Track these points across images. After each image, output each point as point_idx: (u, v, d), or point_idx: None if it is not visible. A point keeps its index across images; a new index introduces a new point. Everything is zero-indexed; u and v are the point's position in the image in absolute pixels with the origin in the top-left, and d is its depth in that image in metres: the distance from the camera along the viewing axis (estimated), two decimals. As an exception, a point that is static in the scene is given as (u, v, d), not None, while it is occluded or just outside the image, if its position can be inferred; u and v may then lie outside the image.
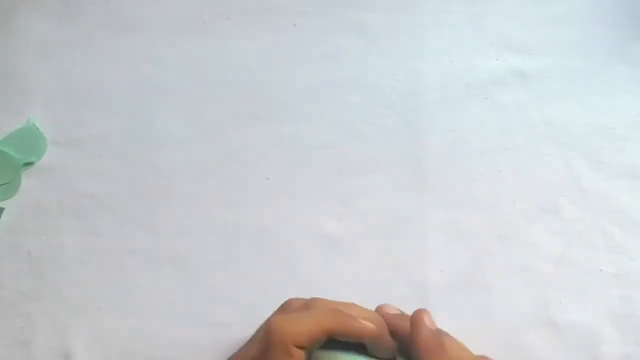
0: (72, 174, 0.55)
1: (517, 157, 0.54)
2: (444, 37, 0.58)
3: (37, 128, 0.56)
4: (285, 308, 0.43)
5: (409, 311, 0.44)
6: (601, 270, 0.51)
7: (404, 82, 0.57)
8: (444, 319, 0.51)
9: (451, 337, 0.41)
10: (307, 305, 0.42)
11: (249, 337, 0.44)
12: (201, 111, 0.56)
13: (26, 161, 0.55)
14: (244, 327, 0.47)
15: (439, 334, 0.41)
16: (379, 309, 0.45)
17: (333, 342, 0.40)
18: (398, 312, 0.45)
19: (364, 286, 0.51)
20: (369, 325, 0.40)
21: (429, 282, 0.51)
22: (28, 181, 0.54)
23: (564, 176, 0.54)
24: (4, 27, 0.58)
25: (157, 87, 0.57)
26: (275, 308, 0.44)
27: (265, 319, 0.43)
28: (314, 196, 0.54)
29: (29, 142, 0.55)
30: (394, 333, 0.43)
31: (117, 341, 0.50)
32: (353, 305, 0.42)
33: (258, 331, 0.43)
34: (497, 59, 0.57)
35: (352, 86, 0.57)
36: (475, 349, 0.50)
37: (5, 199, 0.54)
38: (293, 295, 0.45)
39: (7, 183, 0.54)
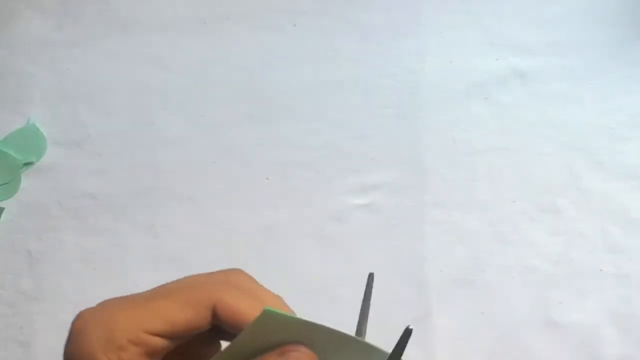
0: (72, 174, 0.55)
1: (517, 157, 0.54)
2: (444, 37, 0.58)
3: (37, 128, 0.56)
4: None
5: (409, 311, 0.44)
6: (601, 270, 0.51)
7: (404, 82, 0.57)
8: (444, 319, 0.51)
9: None
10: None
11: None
12: (201, 111, 0.56)
13: (26, 161, 0.55)
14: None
15: None
16: None
17: None
18: None
19: (364, 286, 0.51)
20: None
21: (429, 282, 0.51)
22: (28, 181, 0.54)
23: (564, 176, 0.54)
24: (4, 27, 0.58)
25: (157, 87, 0.57)
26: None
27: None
28: (314, 196, 0.54)
29: (29, 142, 0.55)
30: None
31: (117, 341, 0.50)
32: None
33: None
34: (497, 59, 0.57)
35: (352, 86, 0.57)
36: (475, 349, 0.50)
37: (5, 199, 0.54)
38: (292, 295, 0.44)
39: (7, 183, 0.54)
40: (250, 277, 0.29)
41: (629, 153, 0.54)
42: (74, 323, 0.27)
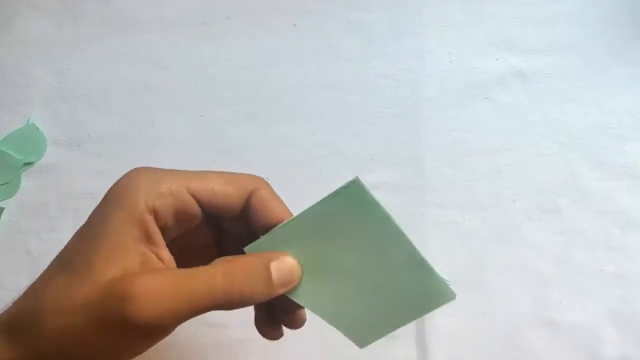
0: (72, 173, 0.55)
1: (517, 157, 0.54)
2: (444, 37, 0.58)
3: (37, 128, 0.56)
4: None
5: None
6: (601, 270, 0.51)
7: (404, 82, 0.57)
8: (444, 318, 0.51)
9: None
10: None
11: (248, 338, 0.43)
12: (201, 111, 0.56)
13: (26, 161, 0.55)
14: (243, 328, 0.47)
15: None
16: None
17: None
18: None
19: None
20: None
21: (429, 282, 0.51)
22: (28, 181, 0.54)
23: (564, 176, 0.54)
24: (4, 27, 0.58)
25: (157, 87, 0.57)
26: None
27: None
28: (314, 196, 0.54)
29: (29, 142, 0.55)
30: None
31: (117, 341, 0.50)
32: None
33: None
34: (497, 59, 0.57)
35: (352, 86, 0.57)
36: (475, 349, 0.50)
37: (5, 199, 0.54)
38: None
39: (7, 183, 0.54)
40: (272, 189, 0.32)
41: (629, 153, 0.54)
42: (131, 170, 0.30)
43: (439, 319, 0.50)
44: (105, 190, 0.54)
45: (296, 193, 0.55)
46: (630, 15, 0.58)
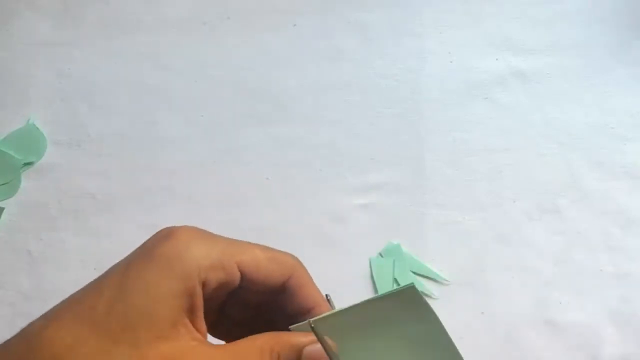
0: (72, 174, 0.55)
1: (517, 157, 0.54)
2: (444, 37, 0.58)
3: (37, 128, 0.56)
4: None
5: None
6: (601, 270, 0.51)
7: (404, 82, 0.57)
8: (444, 318, 0.50)
9: None
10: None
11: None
12: (201, 111, 0.56)
13: (26, 161, 0.55)
14: None
15: None
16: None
17: None
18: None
19: (365, 286, 0.51)
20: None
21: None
22: (28, 181, 0.54)
23: (564, 176, 0.54)
24: (4, 27, 0.58)
25: (157, 87, 0.57)
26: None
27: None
28: (314, 196, 0.54)
29: (29, 142, 0.55)
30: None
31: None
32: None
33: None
34: (497, 59, 0.57)
35: (352, 86, 0.57)
36: (475, 349, 0.50)
37: (5, 199, 0.54)
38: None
39: (7, 183, 0.54)
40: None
41: (629, 153, 0.54)
42: (178, 228, 0.28)
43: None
44: (106, 190, 0.54)
45: (296, 193, 0.55)
46: (630, 15, 0.58)
